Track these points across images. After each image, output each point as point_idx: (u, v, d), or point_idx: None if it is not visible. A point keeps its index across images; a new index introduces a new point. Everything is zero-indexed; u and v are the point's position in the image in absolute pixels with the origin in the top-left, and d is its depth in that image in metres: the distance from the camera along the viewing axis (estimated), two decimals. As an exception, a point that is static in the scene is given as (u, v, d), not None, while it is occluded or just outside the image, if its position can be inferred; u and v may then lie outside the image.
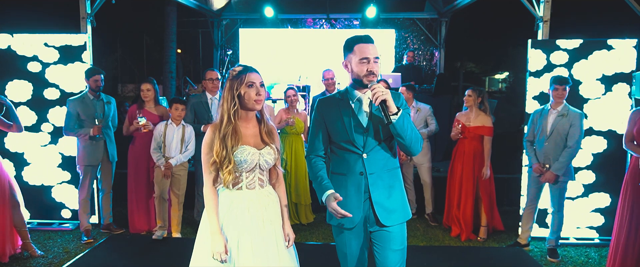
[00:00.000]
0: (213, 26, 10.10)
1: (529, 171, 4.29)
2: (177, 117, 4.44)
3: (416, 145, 2.28)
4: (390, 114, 2.16)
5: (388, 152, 2.35)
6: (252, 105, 2.26)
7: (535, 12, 4.72)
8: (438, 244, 4.63)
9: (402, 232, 2.39)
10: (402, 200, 2.38)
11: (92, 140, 4.51)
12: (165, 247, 4.39)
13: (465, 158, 4.64)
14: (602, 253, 4.35)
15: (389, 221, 2.32)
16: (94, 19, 4.98)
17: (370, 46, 2.30)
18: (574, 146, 3.97)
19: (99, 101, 4.57)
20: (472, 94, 4.63)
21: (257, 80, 2.24)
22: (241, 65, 2.29)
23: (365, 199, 2.34)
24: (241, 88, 2.22)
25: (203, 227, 2.31)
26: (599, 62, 4.47)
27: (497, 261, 4.21)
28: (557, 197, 4.13)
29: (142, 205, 4.79)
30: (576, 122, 3.97)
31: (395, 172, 2.40)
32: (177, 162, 4.45)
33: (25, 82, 4.82)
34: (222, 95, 2.28)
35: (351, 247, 2.41)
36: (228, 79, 2.26)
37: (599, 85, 4.49)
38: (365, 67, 2.26)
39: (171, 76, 9.62)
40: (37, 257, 4.11)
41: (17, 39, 4.78)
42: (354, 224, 2.34)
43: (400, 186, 2.40)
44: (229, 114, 2.23)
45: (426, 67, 10.22)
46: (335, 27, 10.19)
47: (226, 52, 9.39)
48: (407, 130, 2.21)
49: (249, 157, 2.25)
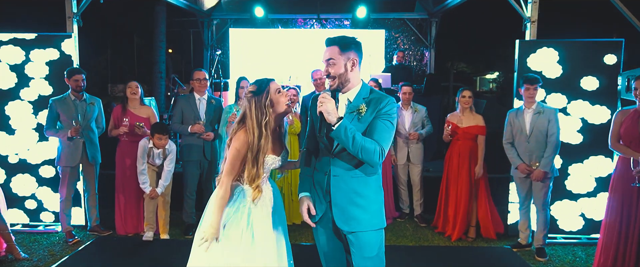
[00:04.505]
0: (203, 26, 10.05)
1: (515, 172, 4.31)
2: (160, 146, 4.41)
3: (368, 156, 2.17)
4: (330, 124, 2.16)
5: (356, 158, 2.26)
6: (285, 109, 2.42)
7: (523, 13, 4.74)
8: (427, 243, 4.63)
9: (376, 239, 2.35)
10: (369, 208, 2.32)
11: (70, 141, 4.47)
12: (153, 249, 4.35)
13: (461, 159, 4.63)
14: (589, 252, 4.38)
15: (347, 227, 2.31)
16: (80, 19, 4.92)
17: (325, 50, 2.34)
18: (556, 142, 4.05)
19: (81, 102, 4.52)
20: (472, 95, 4.65)
21: (279, 86, 2.39)
22: (257, 82, 2.39)
23: (328, 200, 2.37)
24: (271, 96, 2.35)
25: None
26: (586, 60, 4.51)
27: (486, 260, 4.22)
28: (542, 195, 4.17)
29: (129, 206, 4.73)
30: (553, 117, 4.06)
31: (365, 179, 2.32)
32: (162, 189, 4.48)
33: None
34: (245, 113, 2.36)
35: (320, 241, 2.48)
36: (249, 98, 2.35)
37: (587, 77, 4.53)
38: (319, 74, 2.32)
39: (161, 76, 9.56)
40: (22, 260, 4.05)
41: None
42: (317, 219, 2.41)
43: (370, 195, 2.33)
44: (260, 127, 2.32)
45: (416, 68, 10.25)
46: (326, 27, 10.18)
47: (216, 52, 9.35)
48: (347, 142, 2.15)
49: (272, 165, 2.45)
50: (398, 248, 4.46)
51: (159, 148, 4.41)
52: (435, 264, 4.11)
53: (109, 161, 4.84)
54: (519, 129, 4.19)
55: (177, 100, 4.93)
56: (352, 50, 2.32)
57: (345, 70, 2.29)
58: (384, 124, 2.25)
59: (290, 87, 5.11)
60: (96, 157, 4.67)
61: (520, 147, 4.20)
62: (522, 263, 4.12)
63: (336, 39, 2.32)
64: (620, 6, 4.55)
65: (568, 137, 4.50)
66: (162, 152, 4.44)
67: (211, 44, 10.25)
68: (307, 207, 2.41)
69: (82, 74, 4.49)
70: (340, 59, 2.28)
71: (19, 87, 4.77)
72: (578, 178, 4.58)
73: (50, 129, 4.47)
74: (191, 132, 4.61)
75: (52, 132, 4.48)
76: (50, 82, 4.76)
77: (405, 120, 5.14)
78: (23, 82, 4.76)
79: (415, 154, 5.16)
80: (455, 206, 4.70)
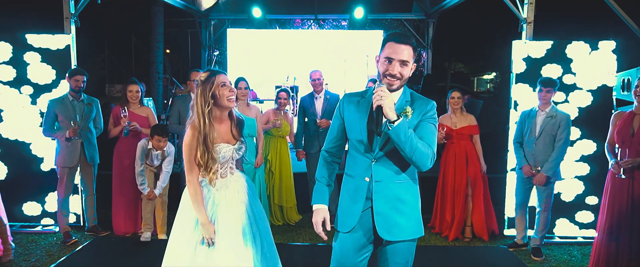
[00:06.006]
0: (201, 26, 10.05)
1: (518, 172, 4.33)
2: (159, 148, 4.41)
3: (422, 160, 2.05)
4: (388, 122, 1.99)
5: (402, 161, 2.14)
6: (226, 104, 2.45)
7: (519, 14, 4.77)
8: (424, 244, 4.65)
9: (409, 249, 2.22)
10: (411, 215, 2.19)
11: (68, 141, 4.47)
12: (151, 249, 4.35)
13: (457, 159, 4.65)
14: (584, 251, 4.41)
15: (389, 236, 2.15)
16: (78, 19, 4.93)
17: (400, 47, 2.08)
18: (563, 147, 4.03)
19: (79, 103, 4.53)
20: (461, 96, 4.67)
21: (227, 80, 2.45)
22: (208, 70, 2.47)
23: (366, 208, 2.19)
24: (214, 89, 2.41)
25: (181, 217, 2.58)
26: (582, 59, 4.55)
27: (482, 260, 4.25)
28: (545, 197, 4.18)
29: (127, 207, 4.74)
30: (564, 123, 4.02)
31: (408, 184, 2.20)
32: (160, 190, 4.48)
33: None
34: (194, 100, 2.46)
35: (348, 258, 2.24)
36: (198, 85, 2.44)
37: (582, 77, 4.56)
38: (385, 68, 2.10)
39: (158, 76, 9.55)
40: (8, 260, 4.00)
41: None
42: (348, 229, 2.21)
43: (412, 200, 2.21)
44: (203, 115, 2.41)
45: (414, 68, 10.26)
46: (324, 27, 10.21)
47: (213, 53, 9.36)
48: (406, 142, 2.00)
49: (226, 154, 2.51)
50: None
51: (158, 150, 4.42)
52: (433, 264, 4.12)
53: (106, 162, 4.84)
54: (529, 130, 4.18)
55: (174, 100, 4.94)
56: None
57: (409, 73, 2.15)
58: (432, 127, 2.15)
59: (281, 90, 5.13)
60: (94, 158, 4.67)
61: (528, 148, 4.20)
62: (519, 263, 4.14)
63: (411, 38, 2.13)
64: (615, 7, 4.58)
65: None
66: (160, 153, 4.45)
67: (209, 45, 10.25)
68: (322, 220, 2.26)
69: (84, 75, 4.50)
70: (412, 61, 2.13)
71: (18, 86, 4.77)
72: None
73: (48, 130, 4.47)
74: (188, 132, 4.62)
75: (50, 132, 4.48)
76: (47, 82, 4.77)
77: None
78: (19, 81, 4.76)
79: None
80: (452, 207, 4.72)
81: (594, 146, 4.58)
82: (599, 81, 4.54)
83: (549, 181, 4.11)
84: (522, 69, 4.60)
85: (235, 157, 2.61)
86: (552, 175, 4.08)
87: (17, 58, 4.73)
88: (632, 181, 3.45)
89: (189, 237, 2.50)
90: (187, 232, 2.51)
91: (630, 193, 3.46)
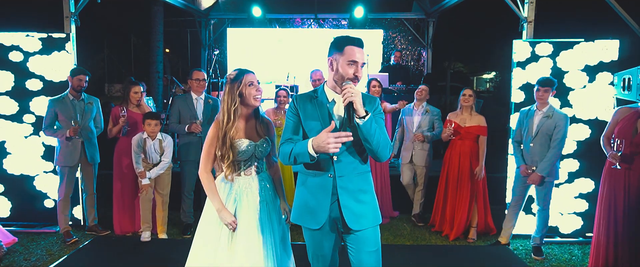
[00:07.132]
0: (201, 26, 10.05)
1: (517, 171, 4.33)
2: (151, 132, 4.38)
3: (384, 151, 2.22)
4: (358, 117, 2.11)
5: (359, 155, 2.31)
6: (252, 102, 2.55)
7: (520, 13, 4.77)
8: (424, 243, 4.65)
9: (375, 234, 2.36)
10: (372, 204, 2.35)
11: (69, 140, 4.46)
12: (151, 249, 4.35)
13: (462, 159, 4.63)
14: (585, 250, 4.41)
15: (358, 225, 2.29)
16: (78, 18, 4.92)
17: (360, 51, 2.26)
18: (558, 147, 4.02)
19: (79, 102, 4.52)
20: (473, 93, 4.65)
21: (254, 79, 2.54)
22: (237, 70, 2.54)
23: (333, 202, 2.31)
24: (242, 88, 2.50)
25: (206, 214, 2.62)
26: (583, 53, 4.55)
27: (483, 259, 4.24)
28: (543, 196, 4.18)
29: (127, 206, 4.74)
30: (561, 123, 4.01)
31: (366, 176, 2.36)
32: (155, 175, 4.44)
33: (6, 73, 4.77)
34: (222, 97, 2.55)
35: (324, 249, 2.43)
36: (227, 82, 2.53)
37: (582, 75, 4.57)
38: (352, 71, 2.22)
39: (158, 76, 9.54)
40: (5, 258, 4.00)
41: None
42: (320, 225, 2.31)
43: (370, 190, 2.37)
44: (229, 112, 2.50)
45: (414, 67, 10.27)
46: (323, 27, 10.19)
47: (213, 52, 9.35)
48: (374, 135, 2.15)
49: (247, 149, 2.56)
50: (396, 247, 4.48)
51: (152, 136, 4.39)
52: (434, 263, 4.12)
53: (107, 161, 4.83)
54: (527, 129, 4.18)
55: (174, 100, 4.94)
56: None
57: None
58: (382, 121, 2.29)
59: (281, 89, 5.12)
60: (95, 157, 4.67)
61: (525, 147, 4.20)
62: (519, 262, 4.14)
63: (362, 41, 2.30)
64: (616, 6, 4.58)
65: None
66: (159, 146, 4.43)
67: (209, 44, 10.25)
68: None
69: (86, 75, 4.49)
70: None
71: (18, 86, 4.77)
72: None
73: (48, 129, 4.46)
74: (188, 131, 4.62)
75: (50, 132, 4.47)
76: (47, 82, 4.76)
77: (414, 120, 5.12)
78: (20, 82, 4.76)
79: (418, 155, 5.08)
80: (455, 206, 4.71)
81: (592, 184, 4.60)
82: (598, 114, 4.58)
83: (545, 180, 4.10)
84: (522, 69, 4.59)
85: (258, 155, 2.64)
86: (548, 175, 4.07)
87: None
88: (628, 171, 3.46)
89: (212, 237, 2.57)
90: (211, 231, 2.58)
91: (627, 184, 3.47)
